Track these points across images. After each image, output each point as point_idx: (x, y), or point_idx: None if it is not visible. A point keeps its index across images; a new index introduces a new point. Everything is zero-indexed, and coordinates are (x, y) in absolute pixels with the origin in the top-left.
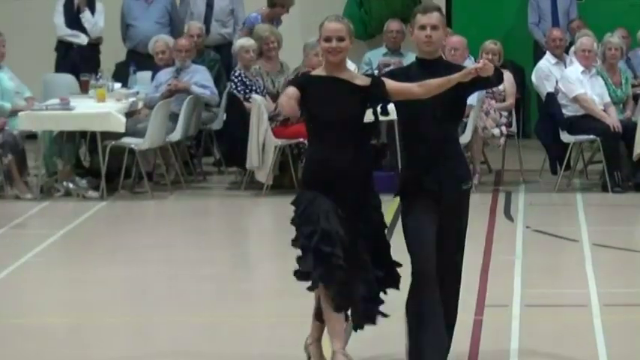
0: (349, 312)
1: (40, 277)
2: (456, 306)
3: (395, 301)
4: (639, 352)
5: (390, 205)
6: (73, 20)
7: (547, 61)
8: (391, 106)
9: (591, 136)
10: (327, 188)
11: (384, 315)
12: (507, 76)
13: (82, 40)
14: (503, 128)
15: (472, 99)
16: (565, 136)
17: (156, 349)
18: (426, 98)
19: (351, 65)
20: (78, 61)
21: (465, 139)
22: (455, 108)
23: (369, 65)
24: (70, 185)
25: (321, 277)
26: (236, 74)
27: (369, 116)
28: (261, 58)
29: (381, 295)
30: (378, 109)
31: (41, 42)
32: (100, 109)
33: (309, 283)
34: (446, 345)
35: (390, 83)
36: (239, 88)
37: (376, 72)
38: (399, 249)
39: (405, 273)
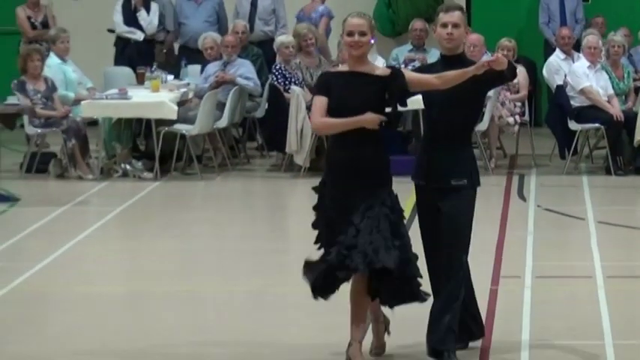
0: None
1: (99, 250)
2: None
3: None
4: (638, 317)
5: (411, 188)
6: (131, 18)
7: (557, 57)
8: (417, 97)
9: (596, 125)
10: (342, 177)
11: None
12: (521, 70)
13: (139, 36)
14: (517, 117)
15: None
16: (573, 125)
17: (203, 315)
18: (445, 90)
19: (380, 61)
20: (134, 56)
21: (482, 126)
22: (471, 105)
23: (395, 60)
24: (128, 167)
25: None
26: (277, 67)
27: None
28: (300, 53)
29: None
30: (397, 104)
31: (102, 38)
32: (154, 98)
33: None
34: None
35: (410, 74)
36: (279, 80)
37: (402, 66)
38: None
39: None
